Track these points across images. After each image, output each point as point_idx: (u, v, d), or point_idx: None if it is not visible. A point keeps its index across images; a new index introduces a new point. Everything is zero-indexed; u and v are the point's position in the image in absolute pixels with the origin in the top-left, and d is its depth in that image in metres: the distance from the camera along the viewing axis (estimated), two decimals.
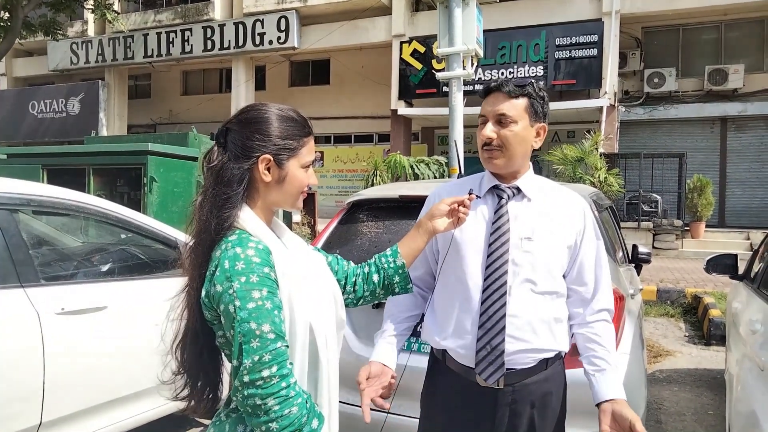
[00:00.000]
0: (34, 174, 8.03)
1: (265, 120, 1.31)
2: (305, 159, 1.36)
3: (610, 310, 1.69)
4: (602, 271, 1.67)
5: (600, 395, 1.57)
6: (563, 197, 1.67)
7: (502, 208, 1.60)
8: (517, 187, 1.63)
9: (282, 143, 1.31)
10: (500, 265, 1.55)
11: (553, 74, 12.78)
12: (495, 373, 1.54)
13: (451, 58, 5.91)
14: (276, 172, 1.32)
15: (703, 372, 5.01)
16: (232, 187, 1.27)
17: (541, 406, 1.58)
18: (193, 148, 8.83)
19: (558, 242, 1.59)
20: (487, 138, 1.57)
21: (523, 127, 1.58)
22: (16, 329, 2.47)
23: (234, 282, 1.19)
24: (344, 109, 16.74)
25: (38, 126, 18.94)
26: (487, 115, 1.59)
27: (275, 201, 1.36)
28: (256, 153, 1.29)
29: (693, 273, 9.12)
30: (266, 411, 1.15)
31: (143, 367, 3.01)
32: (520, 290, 1.55)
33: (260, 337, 1.17)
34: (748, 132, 13.34)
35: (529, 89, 1.59)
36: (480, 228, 1.60)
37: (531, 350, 1.56)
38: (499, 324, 1.53)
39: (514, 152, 1.58)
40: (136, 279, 3.19)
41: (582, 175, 10.82)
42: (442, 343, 1.63)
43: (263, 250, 1.24)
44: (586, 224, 1.65)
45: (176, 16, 16.97)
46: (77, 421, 2.72)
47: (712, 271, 3.93)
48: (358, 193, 3.07)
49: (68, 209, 2.97)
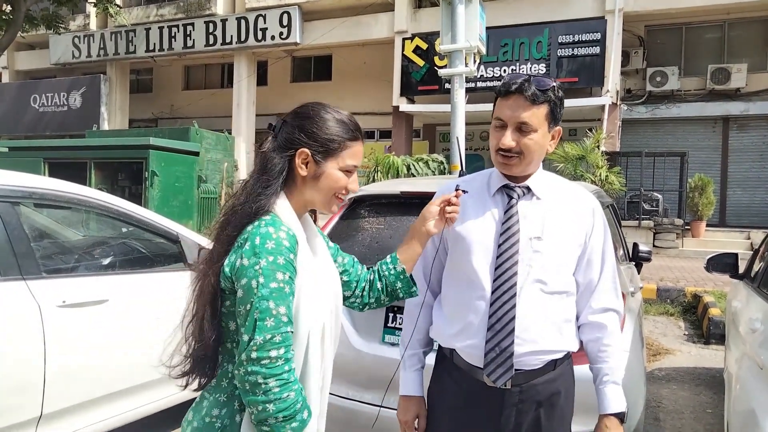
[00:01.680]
0: (35, 167, 8.04)
1: (312, 117, 1.37)
2: (346, 162, 1.38)
3: (618, 311, 1.66)
4: (608, 271, 1.65)
5: (601, 408, 1.60)
6: (573, 195, 1.65)
7: (512, 208, 1.57)
8: (527, 187, 1.60)
9: (323, 141, 1.36)
10: (510, 265, 1.53)
11: (555, 72, 12.74)
12: (504, 375, 1.52)
13: (454, 55, 5.90)
14: (313, 167, 1.36)
15: (702, 371, 5.01)
16: (272, 175, 1.33)
17: (548, 406, 1.58)
18: (194, 143, 8.84)
19: (568, 241, 1.58)
20: (507, 146, 1.52)
21: (542, 135, 1.54)
22: (18, 321, 2.48)
23: (262, 259, 1.22)
24: (346, 105, 16.18)
25: (40, 119, 18.93)
26: (507, 121, 1.52)
27: (310, 198, 1.40)
28: (296, 145, 1.35)
29: (693, 272, 9.12)
30: (265, 391, 1.17)
31: (144, 360, 3.02)
32: (530, 290, 1.53)
33: (276, 318, 1.20)
34: (750, 132, 13.31)
35: (551, 94, 1.52)
36: (490, 228, 1.58)
37: (540, 351, 1.55)
38: (509, 326, 1.51)
39: (532, 159, 1.55)
40: (137, 272, 3.20)
41: (583, 173, 10.81)
42: (450, 341, 1.62)
43: (293, 237, 1.29)
44: (595, 222, 1.63)
45: (178, 10, 16.94)
46: (78, 413, 2.73)
47: (713, 270, 3.93)
48: (359, 189, 3.07)
49: (70, 202, 2.97)
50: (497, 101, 1.57)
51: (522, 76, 1.53)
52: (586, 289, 1.63)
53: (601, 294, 1.64)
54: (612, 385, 1.60)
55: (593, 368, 1.64)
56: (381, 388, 2.27)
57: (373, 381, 2.40)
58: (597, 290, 1.63)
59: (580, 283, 1.63)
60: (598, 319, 1.63)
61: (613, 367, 1.61)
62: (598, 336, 1.62)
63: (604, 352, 1.62)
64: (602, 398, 1.61)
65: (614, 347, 1.63)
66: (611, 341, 1.62)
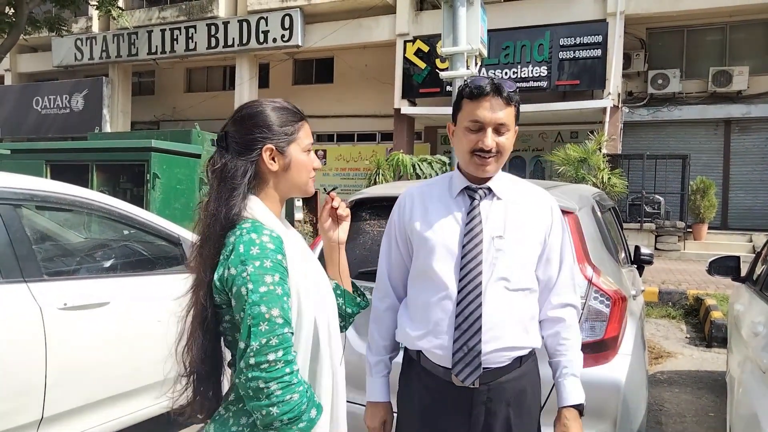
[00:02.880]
0: (37, 169, 8.04)
1: (259, 113, 1.37)
2: (304, 142, 1.41)
3: (576, 306, 1.70)
4: (566, 267, 1.69)
5: (560, 400, 1.63)
6: (531, 194, 1.69)
7: (475, 209, 1.60)
8: (488, 188, 1.63)
9: (280, 131, 1.37)
10: (475, 264, 1.55)
11: (557, 74, 12.75)
12: (472, 374, 1.54)
13: (455, 58, 5.90)
14: (281, 159, 1.37)
15: (704, 374, 5.00)
16: (236, 180, 1.32)
17: (516, 404, 1.59)
18: (196, 145, 8.84)
19: (529, 239, 1.61)
20: (489, 147, 1.54)
21: (513, 134, 1.60)
22: (19, 324, 2.48)
23: (248, 266, 1.22)
24: (347, 108, 16.72)
25: (42, 122, 18.96)
26: (485, 122, 1.54)
27: (286, 189, 1.41)
28: (258, 145, 1.35)
29: (695, 275, 9.10)
30: (268, 395, 1.17)
31: (145, 362, 3.02)
32: (495, 289, 1.56)
33: (269, 321, 1.19)
34: (751, 134, 13.29)
35: (517, 96, 1.58)
36: (453, 228, 1.61)
37: (506, 348, 1.57)
38: (476, 324, 1.54)
39: (504, 159, 1.60)
40: (139, 275, 3.20)
41: (585, 175, 10.80)
42: (417, 343, 1.64)
43: (277, 238, 1.29)
44: (553, 221, 1.67)
45: (180, 13, 16.98)
46: (79, 416, 2.73)
47: (715, 273, 3.93)
48: (360, 192, 3.08)
49: (71, 205, 2.98)
50: (464, 103, 1.59)
51: (487, 79, 1.57)
52: (545, 287, 1.67)
53: (560, 289, 1.67)
54: (571, 377, 1.63)
55: (552, 362, 1.68)
56: None
57: None
58: (555, 286, 1.67)
59: (540, 280, 1.66)
60: (556, 314, 1.67)
61: (572, 360, 1.65)
62: (557, 330, 1.66)
63: (562, 346, 1.65)
64: (561, 390, 1.64)
65: (573, 341, 1.66)
66: (569, 335, 1.66)
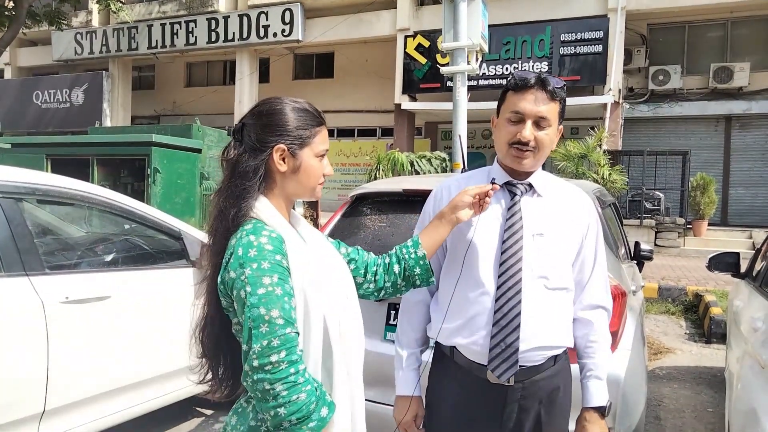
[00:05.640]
0: (38, 163, 8.05)
1: (277, 112, 1.35)
2: (319, 148, 1.39)
3: (607, 308, 1.70)
4: (600, 269, 1.68)
5: (583, 401, 1.64)
6: (571, 193, 1.68)
7: (516, 205, 1.58)
8: (529, 184, 1.61)
9: (295, 133, 1.35)
10: (515, 261, 1.53)
11: (557, 70, 12.71)
12: (508, 371, 1.53)
13: (456, 53, 5.89)
14: (291, 161, 1.36)
15: (703, 370, 5.02)
16: (248, 179, 1.31)
17: (548, 402, 1.59)
18: (196, 140, 8.84)
19: (568, 238, 1.60)
20: (527, 139, 1.52)
21: (554, 131, 1.57)
22: (21, 317, 2.49)
23: (246, 268, 1.22)
24: (348, 103, 16.69)
25: (42, 116, 18.94)
26: (526, 114, 1.52)
27: (293, 191, 1.40)
28: (270, 144, 1.34)
29: (695, 271, 9.11)
30: (275, 396, 1.17)
31: (146, 355, 3.03)
32: (534, 287, 1.54)
33: (269, 323, 1.19)
34: (752, 130, 13.28)
35: (563, 92, 1.55)
36: (493, 224, 1.59)
37: (543, 347, 1.56)
38: (514, 321, 1.52)
39: (544, 155, 1.57)
40: (140, 269, 3.21)
41: (585, 171, 10.80)
42: (452, 338, 1.62)
43: (276, 239, 1.28)
44: (591, 222, 1.66)
45: (180, 7, 16.93)
46: (80, 409, 2.74)
47: (714, 269, 3.93)
48: (361, 187, 3.08)
49: (72, 199, 2.98)
50: (508, 95, 1.57)
51: (534, 73, 1.55)
52: (578, 286, 1.66)
53: (592, 290, 1.67)
54: (595, 379, 1.64)
55: (579, 363, 1.68)
56: (382, 385, 2.28)
57: (374, 379, 2.40)
58: (588, 287, 1.67)
59: (574, 279, 1.65)
60: (586, 315, 1.66)
61: (598, 363, 1.65)
62: (586, 332, 1.66)
63: (590, 348, 1.66)
64: (585, 392, 1.65)
65: (600, 343, 1.66)
66: (598, 338, 1.66)
